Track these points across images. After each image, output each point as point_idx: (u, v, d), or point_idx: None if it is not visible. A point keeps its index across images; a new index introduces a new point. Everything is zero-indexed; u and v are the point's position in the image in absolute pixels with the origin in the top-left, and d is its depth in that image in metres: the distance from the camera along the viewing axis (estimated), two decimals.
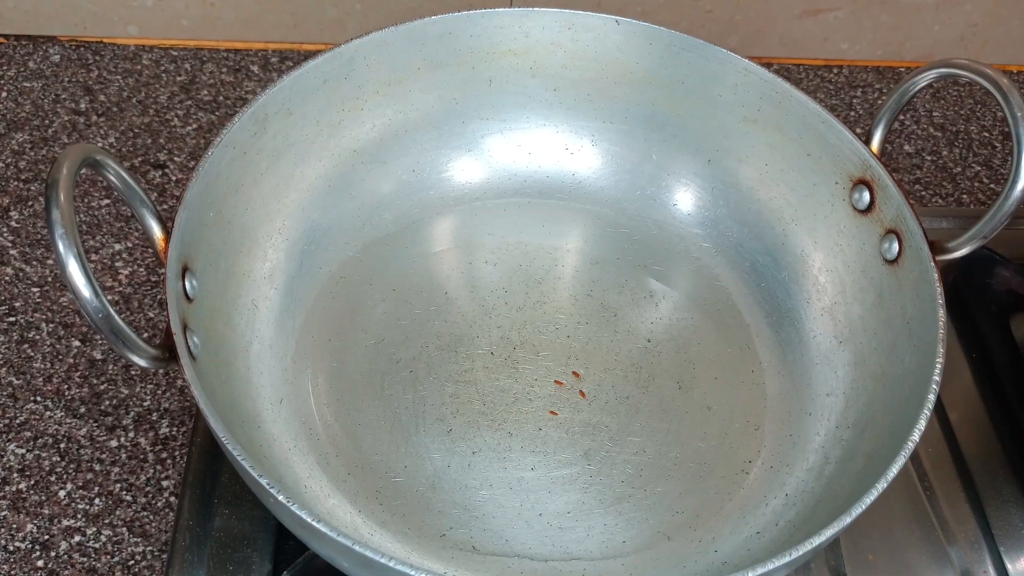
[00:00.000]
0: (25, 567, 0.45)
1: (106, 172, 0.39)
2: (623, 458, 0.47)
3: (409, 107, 0.54)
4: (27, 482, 0.47)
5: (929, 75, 0.47)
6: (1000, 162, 0.69)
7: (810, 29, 0.72)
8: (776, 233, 0.53)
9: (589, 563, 0.43)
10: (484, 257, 0.54)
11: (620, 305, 0.53)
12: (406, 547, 0.43)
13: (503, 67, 0.55)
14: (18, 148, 0.62)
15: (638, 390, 0.49)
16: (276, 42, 0.70)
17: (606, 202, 0.57)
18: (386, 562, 0.33)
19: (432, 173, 0.56)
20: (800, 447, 0.47)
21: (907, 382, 0.43)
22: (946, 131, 0.71)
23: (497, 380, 0.49)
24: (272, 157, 0.49)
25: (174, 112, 0.65)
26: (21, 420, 0.49)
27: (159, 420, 0.50)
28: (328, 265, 0.52)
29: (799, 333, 0.51)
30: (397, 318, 0.51)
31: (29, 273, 0.55)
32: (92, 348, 0.52)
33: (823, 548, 0.38)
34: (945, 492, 0.50)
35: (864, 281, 0.49)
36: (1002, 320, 0.57)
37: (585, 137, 0.57)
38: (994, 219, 0.44)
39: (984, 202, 0.67)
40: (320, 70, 0.50)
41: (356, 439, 0.46)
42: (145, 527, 0.46)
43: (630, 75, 0.55)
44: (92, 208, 0.59)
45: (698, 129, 0.55)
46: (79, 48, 0.68)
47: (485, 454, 0.46)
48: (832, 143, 0.50)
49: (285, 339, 0.49)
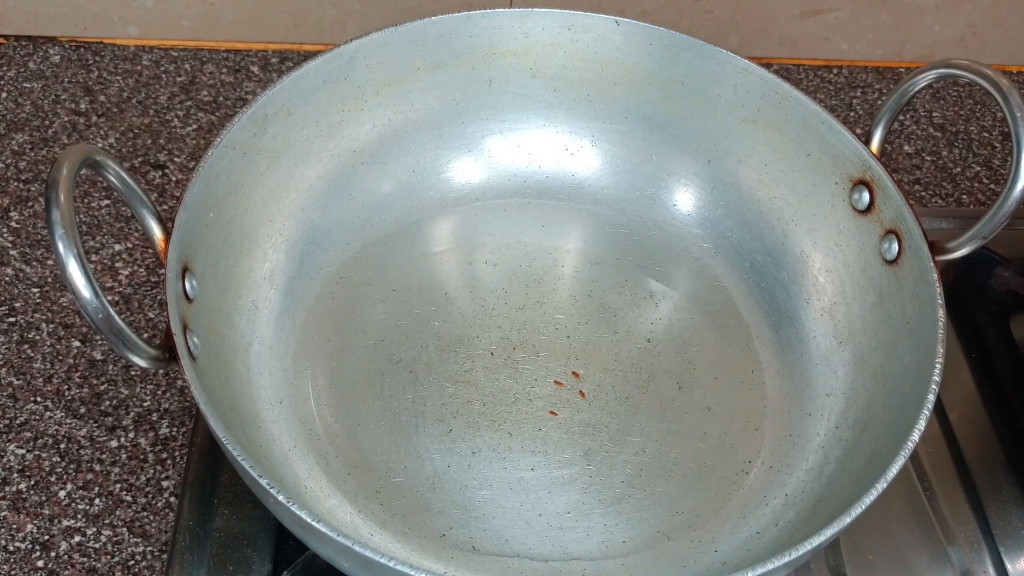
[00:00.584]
0: (25, 567, 0.45)
1: (106, 172, 0.39)
2: (623, 458, 0.47)
3: (409, 107, 0.54)
4: (27, 482, 0.47)
5: (929, 75, 0.47)
6: (1000, 162, 0.69)
7: (810, 29, 0.72)
8: (776, 233, 0.53)
9: (589, 563, 0.43)
10: (484, 257, 0.54)
11: (620, 305, 0.53)
12: (406, 547, 0.43)
13: (503, 67, 0.55)
14: (18, 148, 0.62)
15: (638, 390, 0.49)
16: (276, 42, 0.70)
17: (606, 202, 0.57)
18: (386, 562, 0.33)
19: (432, 173, 0.56)
20: (800, 447, 0.47)
21: (907, 382, 0.43)
22: (946, 131, 0.71)
23: (497, 380, 0.49)
24: (272, 157, 0.49)
25: (174, 112, 0.65)
26: (21, 420, 0.49)
27: (159, 420, 0.50)
28: (328, 265, 0.52)
29: (799, 333, 0.51)
30: (397, 318, 0.51)
31: (29, 273, 0.55)
32: (92, 348, 0.52)
33: (823, 548, 0.38)
34: (945, 492, 0.50)
35: (864, 281, 0.49)
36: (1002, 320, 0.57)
37: (585, 137, 0.57)
38: (994, 219, 0.44)
39: (984, 202, 0.67)
40: (320, 70, 0.50)
41: (356, 439, 0.46)
42: (145, 527, 0.46)
43: (630, 75, 0.55)
44: (92, 208, 0.59)
45: (698, 129, 0.55)
46: (79, 48, 0.68)
47: (485, 454, 0.46)
48: (832, 143, 0.50)
49: (285, 339, 0.49)
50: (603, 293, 0.53)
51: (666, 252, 0.55)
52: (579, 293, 0.53)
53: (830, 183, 0.50)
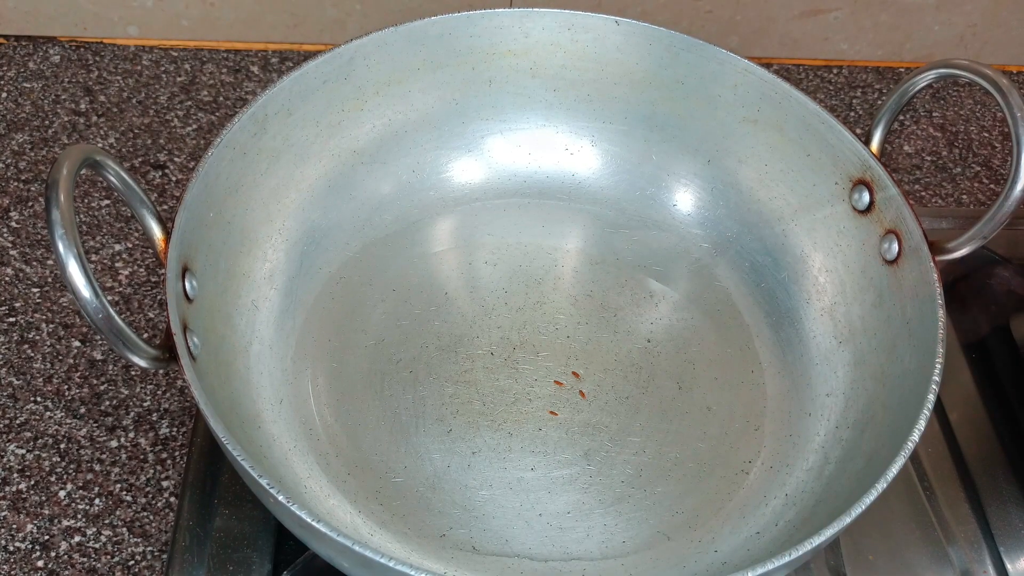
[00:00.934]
0: (25, 567, 0.45)
1: (106, 172, 0.39)
2: (623, 458, 0.47)
3: (409, 107, 0.54)
4: (27, 482, 0.47)
5: (929, 75, 0.47)
6: (1000, 162, 0.69)
7: (810, 29, 0.72)
8: (776, 233, 0.53)
9: (589, 563, 0.43)
10: (484, 258, 0.54)
11: (620, 305, 0.53)
12: (406, 547, 0.43)
13: (503, 67, 0.55)
14: (18, 149, 0.62)
15: (638, 390, 0.49)
16: (276, 42, 0.70)
17: (606, 202, 0.57)
18: (386, 562, 0.33)
19: (432, 173, 0.56)
20: (800, 447, 0.47)
21: (907, 382, 0.43)
22: (946, 131, 0.71)
23: (497, 380, 0.49)
24: (272, 157, 0.49)
25: (174, 112, 0.65)
26: (21, 420, 0.49)
27: (159, 420, 0.50)
28: (328, 265, 0.52)
29: (799, 333, 0.51)
30: (397, 318, 0.51)
31: (29, 273, 0.55)
32: (92, 348, 0.52)
33: (823, 548, 0.38)
34: (945, 492, 0.50)
35: (864, 281, 0.49)
36: (1002, 320, 0.57)
37: (585, 137, 0.57)
38: (994, 219, 0.44)
39: (984, 202, 0.67)
40: (320, 70, 0.50)
41: (356, 439, 0.46)
42: (145, 527, 0.46)
43: (630, 75, 0.55)
44: (92, 209, 0.59)
45: (698, 129, 0.55)
46: (79, 48, 0.68)
47: (485, 454, 0.46)
48: (832, 143, 0.50)
49: (285, 339, 0.49)
50: (603, 293, 0.53)
51: (666, 252, 0.55)
52: (579, 293, 0.53)
53: (830, 183, 0.50)
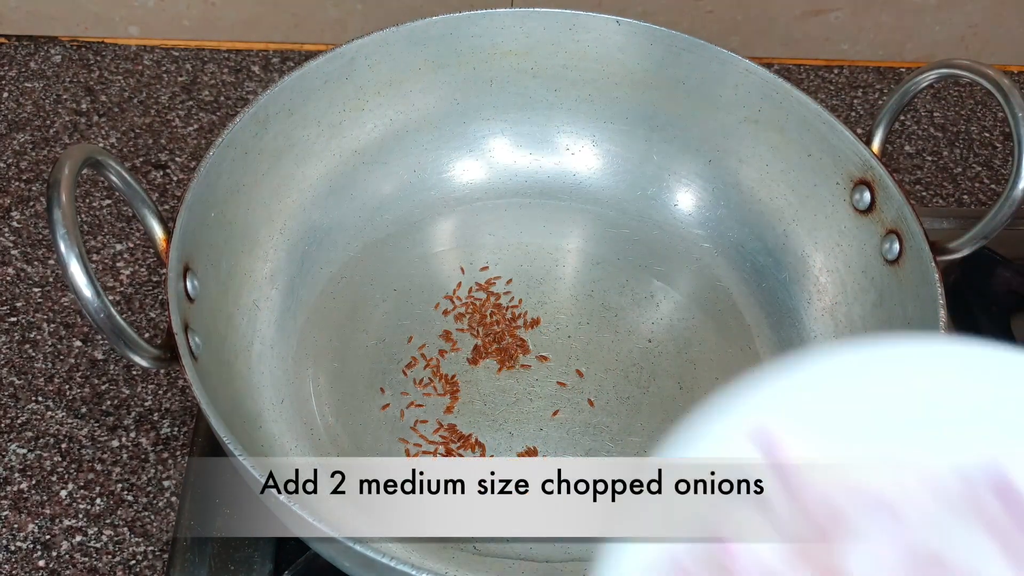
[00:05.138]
0: (27, 567, 0.45)
1: (107, 172, 0.39)
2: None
3: (410, 107, 0.54)
4: (28, 482, 0.47)
5: (930, 76, 0.47)
6: (1001, 162, 0.69)
7: (811, 29, 0.72)
8: (777, 233, 0.53)
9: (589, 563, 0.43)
10: (485, 258, 0.54)
11: (621, 305, 0.53)
12: (406, 547, 0.43)
13: (504, 67, 0.55)
14: (19, 148, 0.62)
15: (639, 390, 0.49)
16: (277, 42, 0.70)
17: (607, 202, 0.57)
18: (387, 562, 0.33)
19: (433, 173, 0.56)
20: None
21: None
22: (947, 131, 0.71)
23: (498, 380, 0.49)
24: (273, 157, 0.49)
25: (175, 112, 0.65)
26: (23, 420, 0.49)
27: (160, 420, 0.50)
28: (329, 265, 0.52)
29: (800, 333, 0.51)
30: (398, 318, 0.51)
31: (31, 273, 0.55)
32: (93, 348, 0.52)
33: None
34: None
35: (865, 281, 0.49)
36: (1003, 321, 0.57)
37: (586, 137, 0.57)
38: (995, 220, 0.44)
39: (985, 203, 0.67)
40: (321, 70, 0.50)
41: (357, 439, 0.46)
42: (146, 527, 0.46)
43: (631, 75, 0.55)
44: (93, 208, 0.59)
45: (699, 129, 0.55)
46: (80, 48, 0.68)
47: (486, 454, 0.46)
48: (833, 143, 0.50)
49: (286, 339, 0.49)
50: (604, 293, 0.53)
51: (667, 252, 0.55)
52: (580, 293, 0.53)
53: (831, 183, 0.50)
